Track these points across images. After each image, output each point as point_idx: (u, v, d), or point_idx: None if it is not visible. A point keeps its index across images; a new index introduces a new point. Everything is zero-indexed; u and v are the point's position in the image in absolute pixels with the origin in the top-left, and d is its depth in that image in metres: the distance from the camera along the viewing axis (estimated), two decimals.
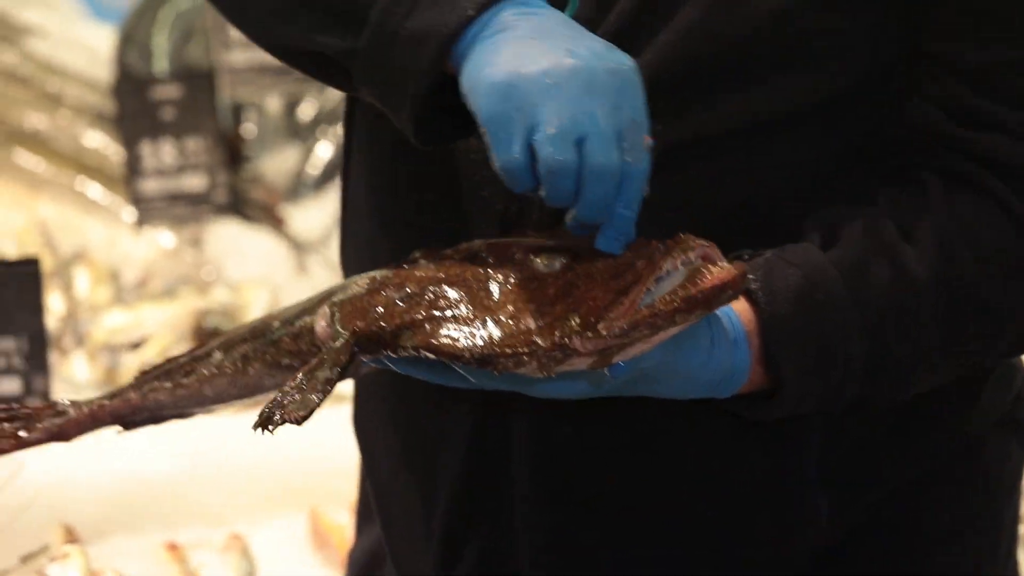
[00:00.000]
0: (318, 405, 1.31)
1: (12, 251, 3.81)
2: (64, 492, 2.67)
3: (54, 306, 3.54)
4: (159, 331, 3.47)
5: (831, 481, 1.52)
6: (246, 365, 1.46)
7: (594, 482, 1.52)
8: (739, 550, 1.54)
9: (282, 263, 3.94)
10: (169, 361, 1.52)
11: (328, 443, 2.80)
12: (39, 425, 1.53)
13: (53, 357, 3.27)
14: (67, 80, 4.32)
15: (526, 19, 1.34)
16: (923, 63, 1.46)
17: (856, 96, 1.46)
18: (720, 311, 1.38)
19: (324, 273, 3.93)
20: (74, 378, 3.32)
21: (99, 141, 4.18)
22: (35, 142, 4.18)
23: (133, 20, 4.29)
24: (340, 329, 1.35)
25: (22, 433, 1.53)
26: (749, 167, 1.45)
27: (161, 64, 4.23)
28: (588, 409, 1.42)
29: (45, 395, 2.57)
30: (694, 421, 1.47)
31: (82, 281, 3.73)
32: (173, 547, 2.63)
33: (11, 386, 2.57)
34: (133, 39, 4.26)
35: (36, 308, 2.63)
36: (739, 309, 1.42)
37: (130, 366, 3.39)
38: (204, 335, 3.45)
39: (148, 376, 1.53)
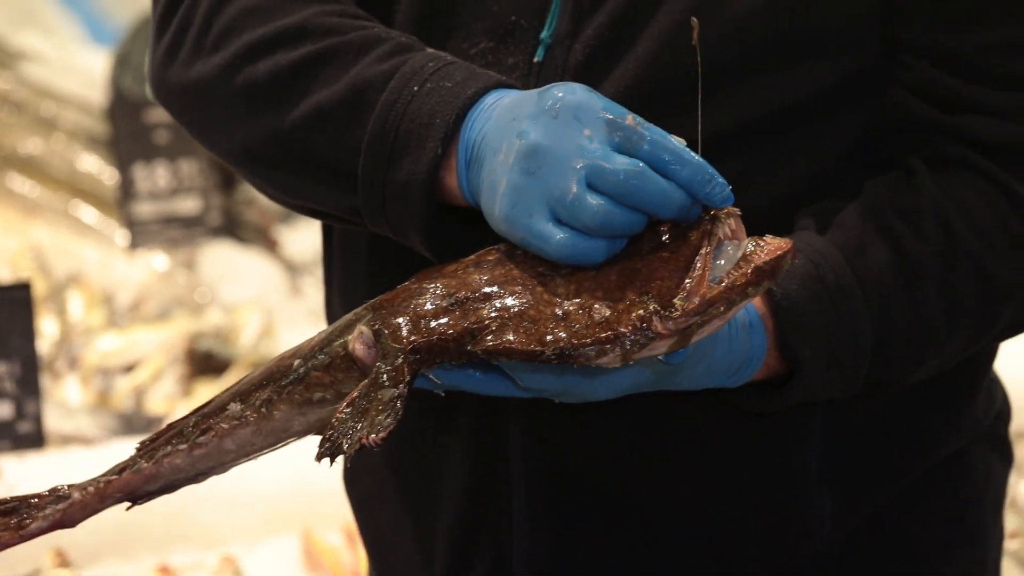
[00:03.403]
0: (394, 424, 1.27)
1: (6, 275, 3.81)
2: None
3: (47, 330, 3.55)
4: (152, 354, 3.47)
5: (833, 478, 1.53)
6: (271, 409, 1.38)
7: (592, 490, 1.52)
8: (741, 555, 1.53)
9: (276, 285, 3.94)
10: (173, 425, 1.42)
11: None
12: (41, 513, 1.41)
13: (46, 381, 3.28)
14: (62, 104, 4.33)
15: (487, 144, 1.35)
16: (898, 50, 1.47)
17: (846, 91, 1.47)
18: None
19: (318, 295, 3.93)
20: (67, 402, 3.32)
21: (93, 165, 4.19)
22: (29, 166, 4.19)
23: (128, 43, 4.29)
24: (392, 345, 1.31)
25: (24, 524, 1.46)
26: (745, 172, 1.44)
27: None
28: (583, 415, 1.43)
29: (37, 419, 2.57)
30: (691, 419, 1.48)
31: (75, 305, 3.74)
32: (165, 570, 2.63)
33: (3, 410, 2.57)
34: (128, 62, 4.26)
35: (28, 332, 2.63)
36: None
37: (123, 389, 3.39)
38: (198, 358, 3.45)
39: (156, 442, 1.42)
